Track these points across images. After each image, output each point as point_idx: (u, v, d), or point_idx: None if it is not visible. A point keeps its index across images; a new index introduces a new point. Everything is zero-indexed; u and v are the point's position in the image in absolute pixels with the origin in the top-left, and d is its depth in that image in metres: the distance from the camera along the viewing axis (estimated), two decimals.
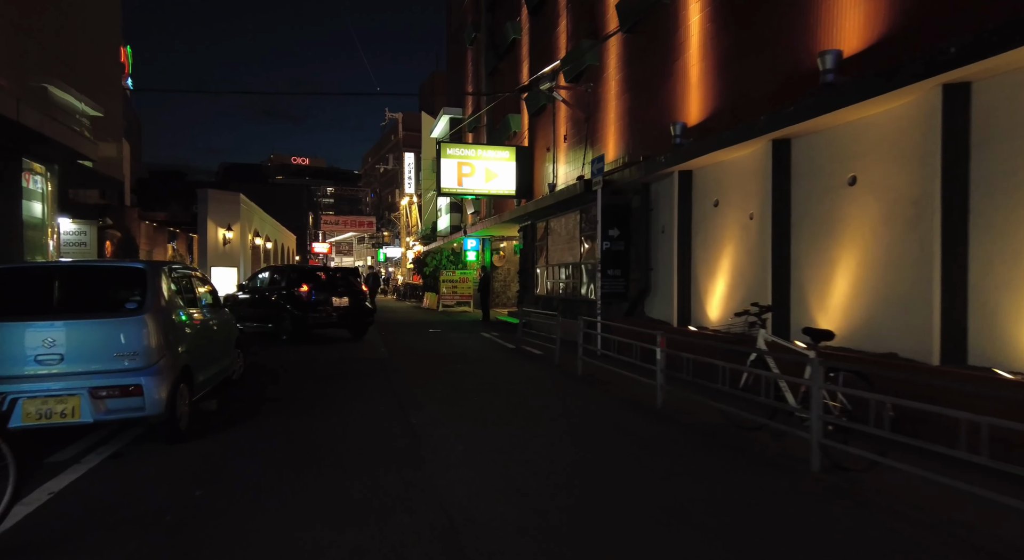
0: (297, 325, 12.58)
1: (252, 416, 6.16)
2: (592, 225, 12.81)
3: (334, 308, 12.81)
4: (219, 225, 23.26)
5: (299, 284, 12.64)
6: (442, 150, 18.72)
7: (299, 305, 12.51)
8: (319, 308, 12.62)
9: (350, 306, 13.07)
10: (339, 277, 13.69)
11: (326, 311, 12.70)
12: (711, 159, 9.54)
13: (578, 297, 13.91)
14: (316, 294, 12.62)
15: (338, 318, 12.96)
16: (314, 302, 12.56)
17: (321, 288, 12.80)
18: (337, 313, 12.88)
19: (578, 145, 15.52)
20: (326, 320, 12.79)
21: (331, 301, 12.75)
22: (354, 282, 13.63)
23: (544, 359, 10.54)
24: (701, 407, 6.39)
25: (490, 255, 25.92)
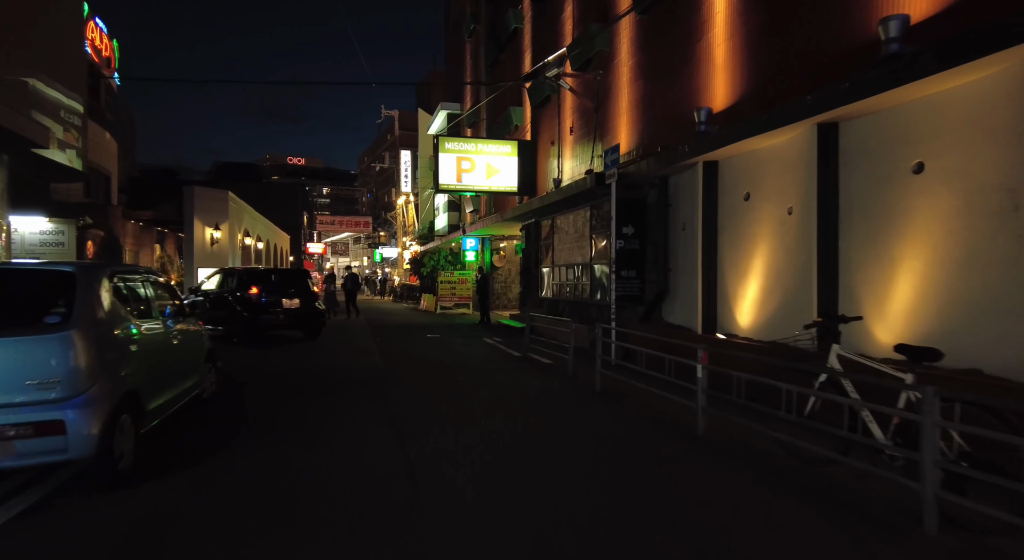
0: (247, 327, 12.60)
1: (219, 448, 5.16)
2: (604, 222, 11.83)
3: (284, 310, 12.87)
4: (206, 224, 22.24)
5: (248, 286, 12.73)
6: (440, 144, 17.73)
7: (249, 307, 12.58)
8: (269, 310, 12.71)
9: (301, 308, 13.11)
10: (290, 279, 13.83)
11: (276, 313, 12.79)
12: (741, 148, 8.57)
13: (588, 300, 12.93)
14: (266, 296, 12.72)
15: (289, 320, 13.00)
16: (264, 304, 12.65)
17: (271, 290, 12.90)
18: (287, 315, 12.92)
19: (586, 138, 14.55)
20: (276, 322, 12.85)
21: (281, 303, 12.81)
22: (305, 284, 13.69)
23: (555, 369, 9.57)
24: (747, 432, 5.43)
25: (490, 255, 24.94)
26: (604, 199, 11.76)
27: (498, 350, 12.09)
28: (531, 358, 10.76)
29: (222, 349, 11.25)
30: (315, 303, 13.55)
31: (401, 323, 19.26)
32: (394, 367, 9.71)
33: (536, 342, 11.47)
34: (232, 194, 23.89)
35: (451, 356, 11.10)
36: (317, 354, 11.44)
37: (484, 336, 14.77)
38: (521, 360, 10.67)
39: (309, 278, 14.37)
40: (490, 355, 11.33)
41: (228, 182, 44.16)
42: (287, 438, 5.46)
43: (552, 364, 10.11)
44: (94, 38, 27.29)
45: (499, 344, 13.06)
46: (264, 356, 11.07)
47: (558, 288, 14.71)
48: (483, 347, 12.61)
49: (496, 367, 9.83)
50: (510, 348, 12.26)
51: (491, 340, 13.85)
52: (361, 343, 13.24)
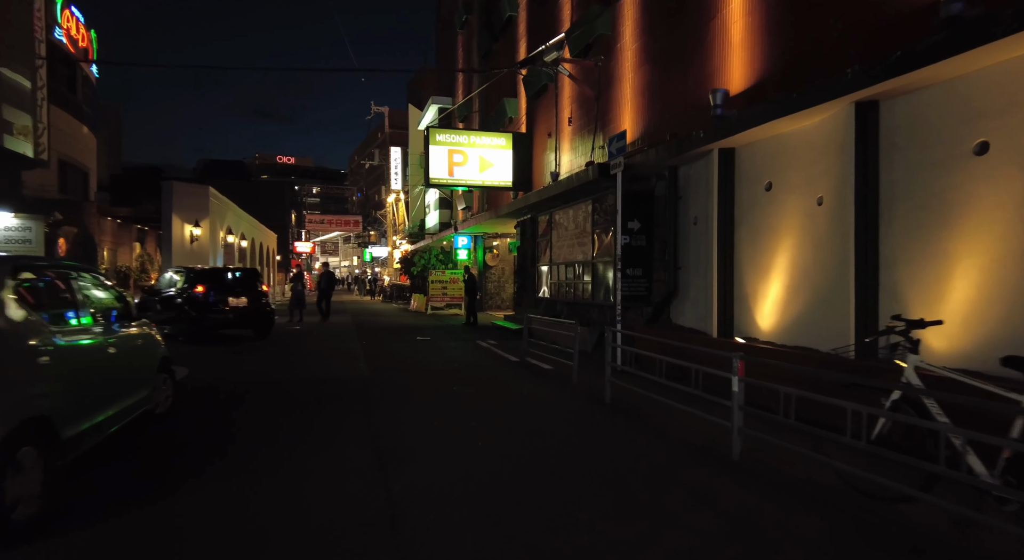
0: (193, 326, 12.63)
1: (163, 480, 4.27)
2: (607, 217, 11.00)
3: (231, 308, 12.96)
4: (186, 221, 21.23)
5: (195, 285, 12.79)
6: (431, 136, 16.84)
7: (195, 306, 12.63)
8: (215, 308, 12.79)
9: (249, 306, 13.19)
10: (238, 278, 13.90)
11: (222, 311, 12.87)
12: (763, 133, 7.76)
13: (589, 300, 12.10)
14: (212, 295, 12.80)
15: (236, 318, 13.09)
16: (210, 303, 12.73)
17: (218, 289, 12.99)
18: (235, 313, 13.01)
19: (586, 128, 13.71)
20: (223, 320, 12.93)
21: (228, 301, 12.92)
22: (254, 283, 13.84)
23: (557, 376, 8.72)
24: (792, 457, 4.61)
25: (483, 253, 24.08)
26: (608, 192, 10.94)
27: (493, 354, 11.23)
28: (529, 364, 9.91)
29: (190, 354, 10.35)
30: (263, 302, 13.66)
31: (390, 324, 18.36)
32: (380, 375, 8.83)
33: (534, 346, 10.63)
34: (214, 190, 22.88)
35: (443, 362, 10.23)
36: (297, 360, 10.53)
37: (477, 339, 13.91)
38: (519, 366, 9.82)
39: (258, 277, 14.45)
40: (485, 360, 10.47)
41: (214, 180, 43.10)
42: (247, 466, 4.58)
43: (553, 370, 9.26)
44: (69, 27, 26.20)
45: (494, 347, 12.21)
46: (237, 362, 10.15)
47: (556, 288, 13.87)
48: (477, 351, 11.74)
49: (492, 375, 8.97)
50: (506, 352, 11.40)
51: (485, 343, 12.99)
52: (346, 347, 12.34)
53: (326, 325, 18.02)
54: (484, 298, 23.99)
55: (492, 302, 24.12)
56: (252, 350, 11.63)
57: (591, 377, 8.34)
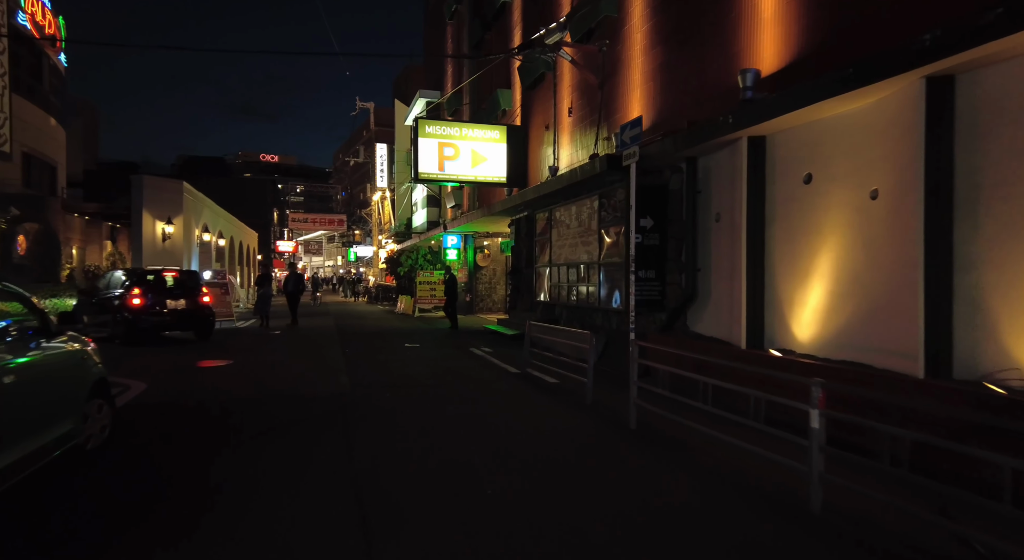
0: (128, 328, 12.43)
1: (73, 549, 3.19)
2: (615, 213, 10.01)
3: (169, 311, 12.89)
4: (157, 218, 19.95)
5: (131, 287, 12.66)
6: (420, 128, 15.76)
7: (130, 308, 12.46)
8: (152, 310, 12.67)
9: (187, 308, 13.11)
10: (177, 279, 13.77)
11: (159, 314, 12.78)
12: (801, 117, 6.81)
13: (593, 305, 11.09)
14: (149, 297, 12.70)
15: (174, 320, 13.01)
16: (147, 305, 12.60)
17: (155, 291, 12.92)
18: (173, 315, 12.91)
19: (588, 119, 12.72)
20: (159, 322, 12.82)
21: (165, 303, 12.85)
22: (193, 285, 13.75)
23: (566, 393, 7.70)
24: (887, 511, 3.63)
25: (473, 254, 23.02)
26: (617, 186, 9.94)
27: (490, 365, 10.18)
28: (532, 377, 8.88)
29: (149, 367, 9.16)
30: (203, 303, 13.61)
31: (375, 329, 17.24)
32: (363, 392, 7.74)
33: (535, 355, 9.60)
34: (188, 186, 21.59)
35: (435, 374, 9.17)
36: (271, 372, 9.42)
37: (470, 346, 12.85)
38: (520, 379, 8.79)
39: (198, 280, 14.34)
40: (482, 372, 9.42)
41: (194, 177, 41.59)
42: (191, 527, 3.50)
43: (559, 385, 8.25)
44: (35, 12, 24.76)
45: (489, 356, 11.16)
46: (202, 376, 9.01)
47: (556, 290, 12.86)
48: (471, 361, 10.69)
49: (493, 391, 7.93)
50: (504, 361, 10.36)
51: (479, 351, 11.94)
52: (326, 355, 11.23)
53: (301, 329, 16.84)
54: (475, 300, 22.95)
55: (483, 304, 23.07)
56: (221, 358, 10.47)
57: (606, 395, 7.33)
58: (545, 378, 8.72)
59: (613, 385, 7.85)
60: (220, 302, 18.32)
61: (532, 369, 9.14)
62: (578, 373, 7.72)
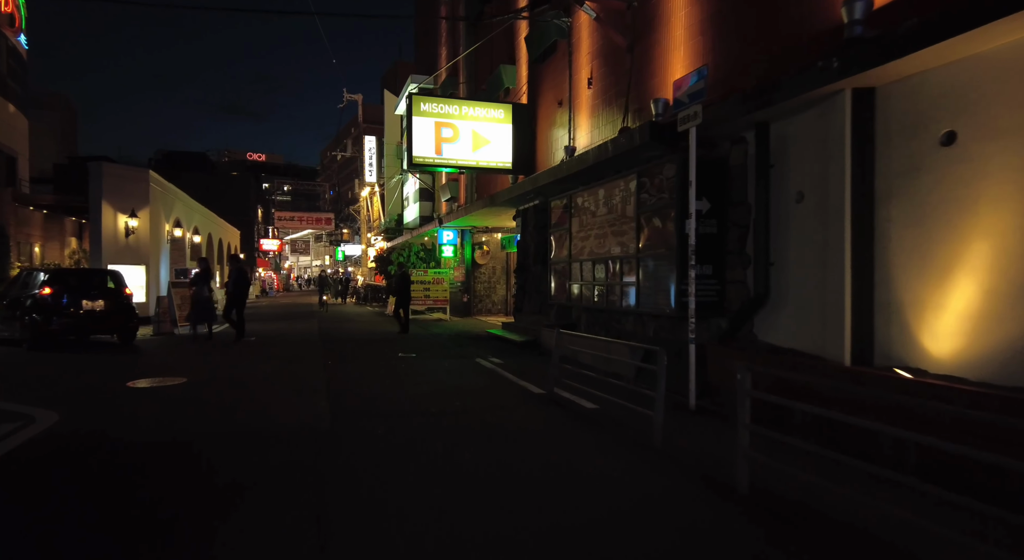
0: (37, 331, 11.46)
1: None
2: (661, 195, 8.15)
3: (86, 312, 11.88)
4: (119, 210, 17.85)
5: (43, 286, 11.75)
6: (414, 105, 13.84)
7: (41, 309, 11.49)
8: (64, 312, 11.66)
9: (106, 310, 12.10)
10: (95, 280, 12.96)
11: (74, 315, 11.78)
12: (945, 53, 4.99)
13: (626, 307, 9.23)
14: (63, 297, 11.73)
15: (91, 323, 12.07)
16: (62, 305, 11.62)
17: (70, 290, 11.94)
18: (90, 317, 11.94)
19: (614, 89, 10.87)
20: (74, 325, 11.87)
21: (81, 304, 11.84)
22: (116, 285, 12.88)
23: (615, 425, 5.84)
24: None
25: (471, 250, 21.12)
26: (663, 162, 8.09)
27: (504, 381, 8.30)
28: (562, 399, 7.01)
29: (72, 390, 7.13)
30: (125, 304, 12.60)
31: (364, 334, 15.29)
32: (348, 426, 5.83)
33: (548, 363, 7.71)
34: (156, 175, 19.51)
35: (439, 396, 7.27)
36: (227, 395, 7.47)
37: (476, 355, 10.96)
38: (548, 403, 6.90)
39: (121, 279, 13.27)
40: (496, 392, 7.53)
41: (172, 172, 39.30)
42: None
43: (601, 411, 6.39)
44: None
45: (500, 369, 9.28)
46: (136, 401, 7.06)
47: (575, 290, 10.98)
48: (481, 376, 8.80)
49: (518, 422, 6.04)
50: (520, 376, 8.48)
51: (487, 362, 10.05)
52: (303, 369, 9.29)
53: (276, 337, 14.86)
54: (472, 301, 21.06)
55: (482, 305, 21.19)
56: (172, 375, 8.50)
57: (675, 428, 5.47)
58: (580, 402, 6.85)
59: (670, 412, 5.99)
60: (188, 305, 16.32)
61: (560, 388, 7.25)
62: (619, 395, 5.87)
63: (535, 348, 11.68)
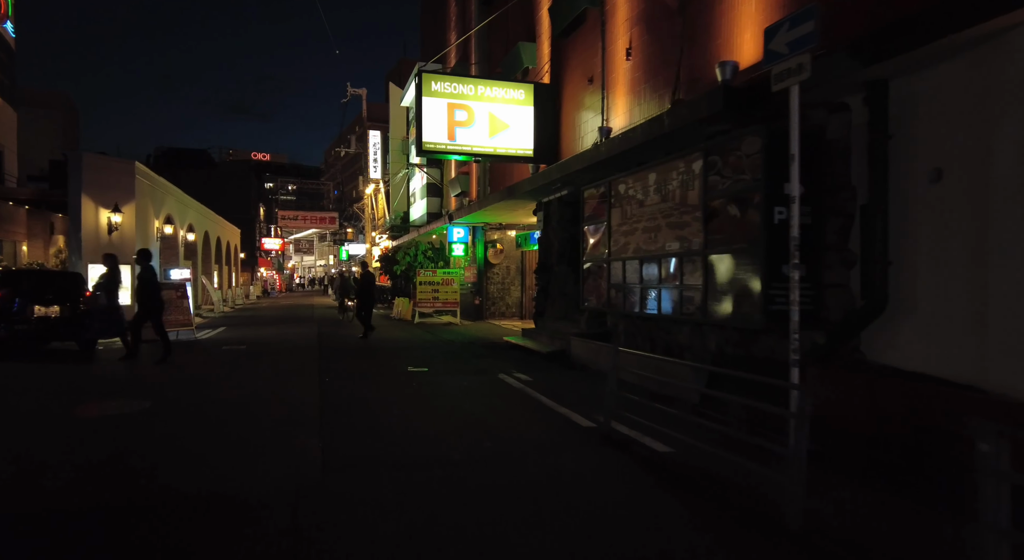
0: None
1: None
2: (739, 177, 6.55)
3: (39, 318, 10.60)
4: (101, 205, 16.35)
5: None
6: (425, 84, 12.29)
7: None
8: (16, 318, 10.44)
9: (63, 315, 10.75)
10: (53, 282, 12.01)
11: (26, 321, 10.54)
12: None
13: (681, 314, 7.64)
14: (13, 301, 10.53)
15: (42, 329, 10.73)
16: (10, 311, 10.42)
17: (21, 294, 10.75)
18: (44, 324, 10.65)
19: (660, 58, 9.30)
20: (25, 332, 10.55)
21: (32, 310, 10.59)
22: (73, 289, 11.47)
23: (709, 482, 4.28)
24: None
25: (483, 249, 19.57)
26: (743, 136, 6.50)
27: (540, 408, 6.72)
28: (622, 437, 5.43)
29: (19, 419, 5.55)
30: (84, 310, 10.94)
31: (369, 341, 13.75)
32: (342, 486, 4.27)
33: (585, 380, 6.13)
34: (143, 167, 18.00)
35: (461, 433, 5.70)
36: (193, 429, 5.92)
37: (496, 368, 9.40)
38: (606, 444, 5.32)
39: (79, 283, 11.87)
40: (535, 428, 5.95)
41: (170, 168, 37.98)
42: None
43: (678, 456, 4.82)
44: None
45: (530, 389, 7.71)
46: (75, 442, 5.52)
47: (613, 293, 9.40)
48: (509, 400, 7.23)
49: (572, 484, 4.44)
50: (559, 401, 6.90)
51: (512, 379, 8.48)
52: (295, 391, 7.74)
53: (268, 345, 13.33)
54: (485, 304, 19.51)
55: (495, 308, 19.63)
56: (129, 396, 6.97)
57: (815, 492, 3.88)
58: (645, 441, 5.28)
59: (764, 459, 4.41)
60: (175, 308, 14.83)
61: (617, 421, 5.67)
62: (699, 433, 4.31)
63: (563, 360, 10.12)
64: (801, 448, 3.36)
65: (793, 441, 3.40)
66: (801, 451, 3.36)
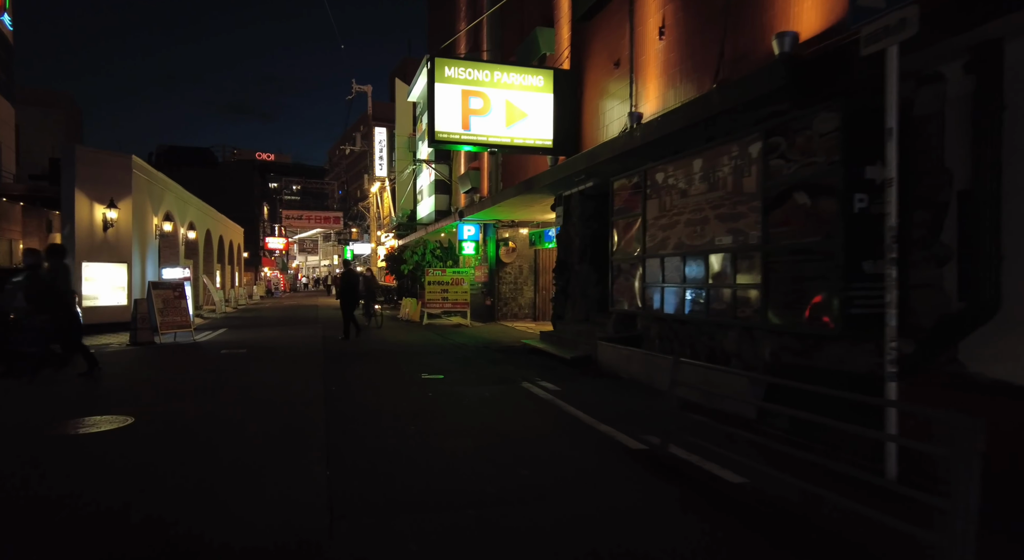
0: None
1: None
2: (808, 160, 5.70)
3: None
4: (96, 200, 15.59)
5: None
6: (437, 70, 11.47)
7: None
8: None
9: None
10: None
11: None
12: None
13: (728, 318, 6.80)
14: None
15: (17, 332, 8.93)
16: None
17: None
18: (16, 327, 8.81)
19: (699, 36, 8.46)
20: None
21: None
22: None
23: (803, 526, 3.43)
24: None
25: (495, 247, 18.74)
26: (816, 111, 5.65)
27: (577, 426, 5.88)
28: (681, 463, 4.58)
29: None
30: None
31: (375, 344, 12.95)
32: (357, 541, 3.45)
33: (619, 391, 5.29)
34: (140, 162, 17.24)
35: (491, 460, 4.86)
36: (179, 460, 5.11)
37: (519, 375, 8.58)
38: (662, 471, 4.47)
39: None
40: (576, 452, 5.11)
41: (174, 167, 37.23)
42: None
43: (756, 489, 3.97)
44: None
45: (561, 401, 6.87)
46: (20, 486, 4.73)
47: (645, 294, 8.56)
48: (540, 415, 6.39)
49: (631, 517, 3.61)
50: (597, 417, 6.05)
51: (539, 389, 7.65)
52: (297, 404, 6.93)
53: (273, 348, 12.54)
54: (496, 304, 18.68)
55: (507, 309, 18.80)
56: (110, 410, 6.16)
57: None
58: (710, 468, 4.44)
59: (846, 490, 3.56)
60: (172, 309, 14.06)
61: (673, 443, 4.82)
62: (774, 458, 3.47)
63: (589, 367, 9.29)
64: (969, 502, 2.51)
65: (964, 492, 2.54)
66: (969, 506, 2.51)
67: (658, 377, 7.41)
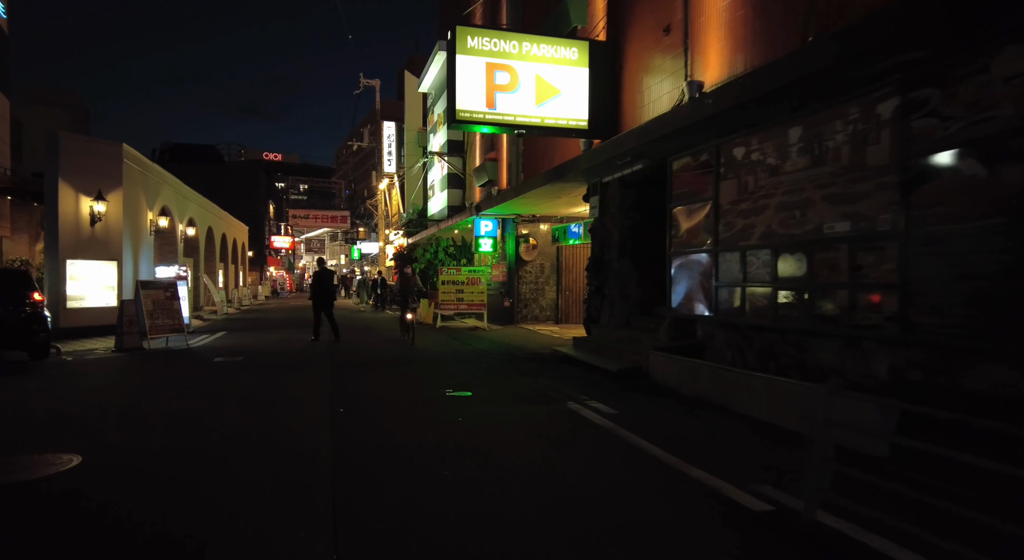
0: None
1: None
2: (972, 117, 4.28)
3: None
4: (82, 192, 14.32)
5: None
6: (459, 40, 10.10)
7: None
8: None
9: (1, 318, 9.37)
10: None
11: None
12: None
13: (870, 326, 5.38)
14: None
15: None
16: None
17: None
18: None
19: None
20: None
21: None
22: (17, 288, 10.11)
23: None
24: None
25: (515, 244, 17.36)
26: (981, 54, 4.23)
27: (659, 469, 4.48)
28: (833, 533, 3.18)
29: None
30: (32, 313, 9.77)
31: (387, 351, 11.59)
32: None
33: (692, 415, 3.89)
34: (133, 151, 15.96)
35: (556, 521, 3.47)
36: (134, 522, 3.75)
37: (559, 392, 7.20)
38: (817, 554, 3.08)
39: (25, 281, 10.31)
40: (672, 514, 3.72)
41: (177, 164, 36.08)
42: None
43: None
44: None
45: (624, 429, 5.48)
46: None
47: (723, 295, 7.15)
48: (604, 451, 5.00)
49: None
50: (684, 457, 4.65)
51: (591, 413, 6.25)
52: (295, 432, 5.57)
53: (272, 356, 11.22)
54: (516, 306, 17.31)
55: (527, 311, 17.42)
56: (57, 444, 4.84)
57: None
58: (877, 544, 3.04)
59: None
60: (163, 311, 12.74)
61: (831, 515, 3.43)
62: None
63: (639, 380, 7.90)
64: None
65: None
66: None
67: (735, 397, 6.02)
